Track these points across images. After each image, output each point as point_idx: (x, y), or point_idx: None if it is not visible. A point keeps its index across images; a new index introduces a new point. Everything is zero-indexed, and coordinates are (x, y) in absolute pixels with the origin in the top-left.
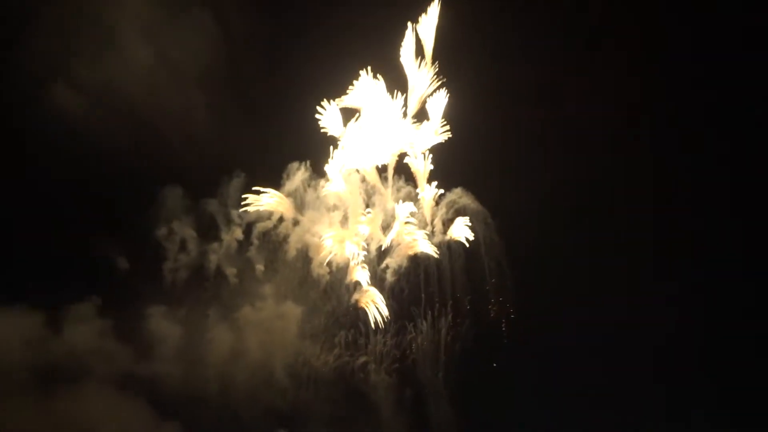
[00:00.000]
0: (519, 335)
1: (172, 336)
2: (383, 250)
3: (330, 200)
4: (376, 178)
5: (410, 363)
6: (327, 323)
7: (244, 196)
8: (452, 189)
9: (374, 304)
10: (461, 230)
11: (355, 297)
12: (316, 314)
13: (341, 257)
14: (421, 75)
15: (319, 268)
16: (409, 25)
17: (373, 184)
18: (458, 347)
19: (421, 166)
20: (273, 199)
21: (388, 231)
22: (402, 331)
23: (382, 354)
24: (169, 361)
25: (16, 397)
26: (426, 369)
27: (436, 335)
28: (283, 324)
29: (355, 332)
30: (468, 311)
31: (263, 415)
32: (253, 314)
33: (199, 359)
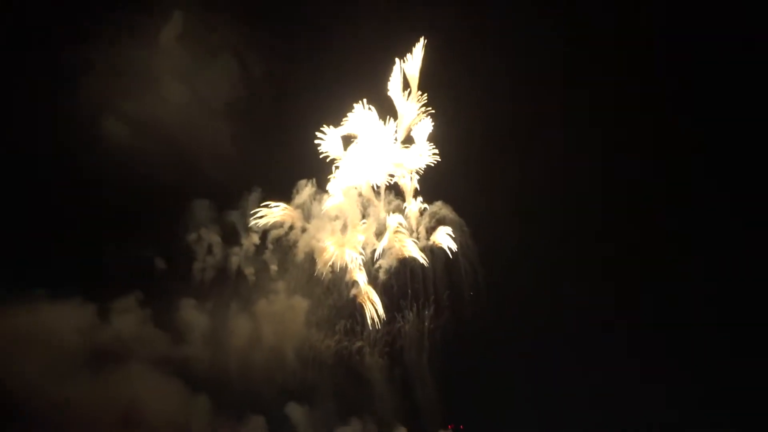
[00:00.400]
0: (490, 324)
1: (200, 325)
2: (377, 254)
3: (332, 212)
4: (370, 193)
5: (399, 348)
6: (329, 314)
7: (260, 207)
8: (434, 202)
9: (371, 303)
10: (442, 237)
11: (353, 292)
12: (320, 307)
13: (341, 259)
14: (408, 105)
15: (323, 268)
16: (397, 61)
17: (368, 198)
18: (439, 334)
19: (408, 183)
20: (284, 211)
21: (381, 238)
22: (392, 320)
23: (376, 340)
24: (198, 346)
25: (72, 376)
26: (412, 352)
27: (421, 324)
28: (292, 315)
29: (352, 322)
30: (447, 305)
31: (276, 391)
32: (267, 307)
33: (223, 344)
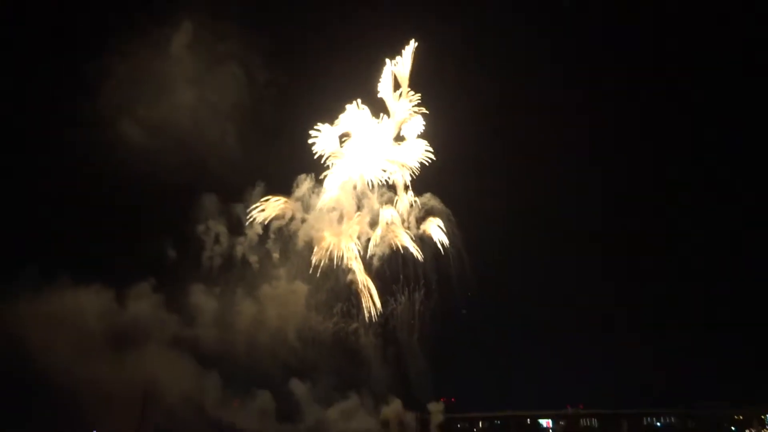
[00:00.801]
0: (473, 304)
1: (209, 308)
2: (371, 243)
3: (329, 204)
4: (364, 187)
5: (391, 328)
6: (327, 298)
7: (263, 200)
8: (423, 194)
9: (367, 290)
10: (431, 227)
11: (349, 278)
12: (319, 291)
13: (338, 248)
14: (399, 104)
15: (322, 256)
16: (387, 62)
17: (363, 191)
18: (428, 316)
19: (399, 177)
20: (285, 204)
21: (375, 227)
22: (385, 303)
23: (370, 321)
24: (208, 327)
25: (93, 356)
26: (403, 332)
27: (411, 307)
28: (293, 299)
29: (348, 304)
30: (435, 288)
31: (280, 368)
32: (270, 291)
33: (230, 325)
